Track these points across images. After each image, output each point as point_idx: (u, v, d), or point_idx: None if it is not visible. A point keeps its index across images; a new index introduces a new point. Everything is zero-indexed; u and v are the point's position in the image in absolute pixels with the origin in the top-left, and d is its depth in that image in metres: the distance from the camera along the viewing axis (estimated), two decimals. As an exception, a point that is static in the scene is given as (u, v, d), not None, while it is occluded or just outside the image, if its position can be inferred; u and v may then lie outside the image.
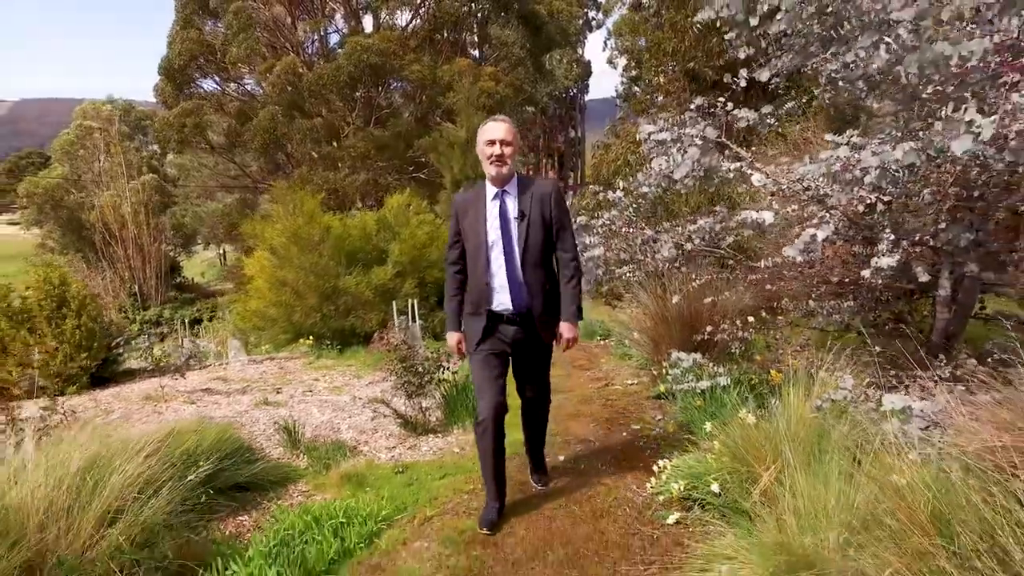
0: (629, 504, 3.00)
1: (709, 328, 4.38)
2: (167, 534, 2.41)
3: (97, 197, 30.26)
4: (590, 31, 44.06)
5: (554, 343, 3.00)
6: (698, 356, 4.17)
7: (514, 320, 2.86)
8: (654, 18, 16.13)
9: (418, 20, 26.99)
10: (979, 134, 1.98)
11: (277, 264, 9.24)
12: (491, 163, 2.79)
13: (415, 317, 8.59)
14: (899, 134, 2.83)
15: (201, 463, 2.99)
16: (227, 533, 2.96)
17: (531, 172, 48.31)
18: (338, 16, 29.52)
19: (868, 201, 3.14)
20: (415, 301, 8.91)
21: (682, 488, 2.83)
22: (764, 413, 2.91)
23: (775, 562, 1.95)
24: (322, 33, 28.69)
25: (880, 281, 3.43)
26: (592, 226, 4.13)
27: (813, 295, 3.81)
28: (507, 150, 2.79)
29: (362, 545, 2.69)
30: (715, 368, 4.04)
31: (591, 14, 41.39)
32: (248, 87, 28.00)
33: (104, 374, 7.68)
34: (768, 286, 3.75)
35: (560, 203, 2.88)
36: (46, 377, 6.89)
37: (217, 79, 27.68)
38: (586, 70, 43.35)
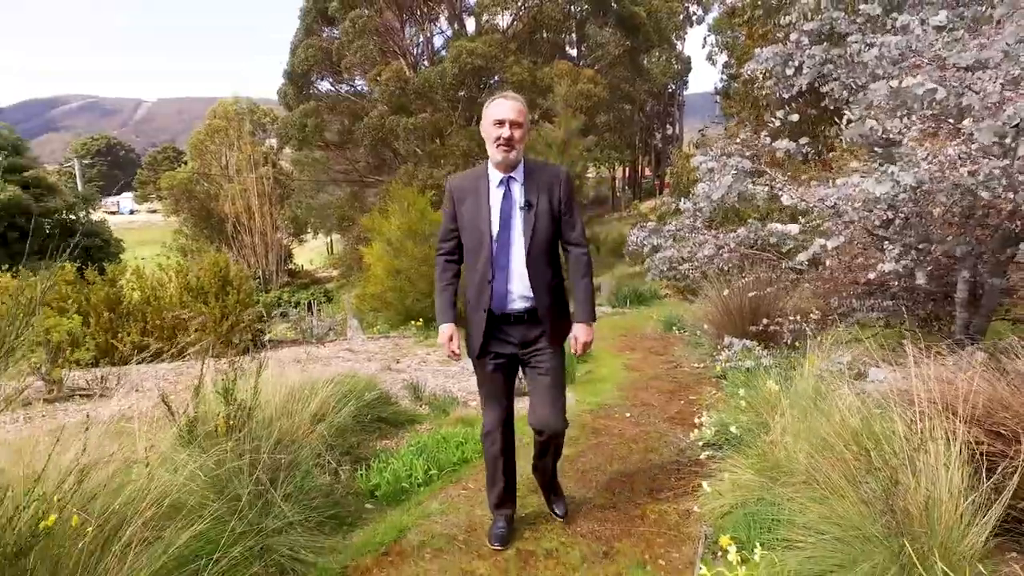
0: (674, 445, 3.93)
1: (765, 320, 5.18)
2: (349, 435, 3.60)
3: (226, 189, 33.38)
4: (691, 26, 43.54)
5: (568, 348, 2.74)
6: (747, 342, 4.99)
7: (521, 319, 2.60)
8: (744, 27, 16.43)
9: (519, 23, 28.08)
10: (899, 181, 2.76)
11: (393, 254, 10.63)
12: (497, 147, 2.51)
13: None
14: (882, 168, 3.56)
15: (362, 397, 4.19)
16: (378, 447, 4.14)
17: (627, 170, 48.53)
18: (443, 19, 31.17)
19: (885, 217, 3.89)
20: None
21: (713, 433, 3.73)
22: (788, 383, 3.74)
23: (760, 468, 2.86)
24: (428, 35, 30.46)
25: (898, 283, 4.15)
26: (660, 229, 5.02)
27: (843, 294, 4.54)
28: (516, 132, 2.52)
29: (476, 455, 3.77)
30: (760, 351, 4.85)
31: (692, 8, 41.01)
32: (359, 87, 30.10)
33: (253, 343, 9.30)
34: (807, 285, 4.51)
35: (570, 192, 2.63)
36: (217, 340, 8.52)
37: (331, 81, 30.01)
38: (685, 66, 43.02)
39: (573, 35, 31.89)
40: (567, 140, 21.39)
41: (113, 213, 57.90)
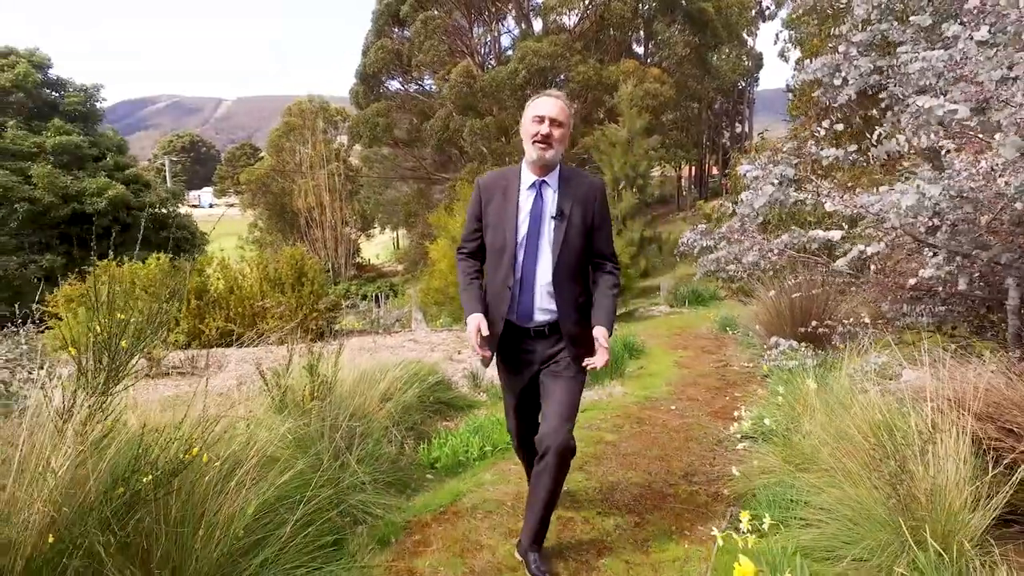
0: (713, 436, 4.17)
1: (814, 323, 5.31)
2: (413, 414, 4.01)
3: (299, 185, 34.86)
4: (763, 21, 42.39)
5: (587, 365, 2.43)
6: (793, 343, 5.14)
7: (542, 333, 2.47)
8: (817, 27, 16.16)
9: (585, 21, 28.20)
10: (925, 193, 2.91)
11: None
12: (534, 144, 2.38)
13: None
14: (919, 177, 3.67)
15: (426, 380, 4.61)
16: (439, 427, 4.55)
17: (693, 169, 47.76)
18: (510, 18, 31.63)
19: (930, 224, 4.00)
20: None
21: (749, 426, 3.95)
22: (825, 383, 3.92)
23: (786, 456, 3.09)
24: (495, 35, 30.96)
25: (943, 289, 4.25)
26: (711, 231, 5.22)
27: (890, 299, 4.63)
28: (556, 132, 2.39)
29: (526, 439, 4.12)
30: (805, 352, 5.00)
31: (765, 2, 39.93)
32: (427, 86, 30.89)
33: (325, 332, 9.96)
34: (854, 289, 4.62)
35: (605, 206, 2.52)
36: (296, 327, 9.19)
37: (401, 80, 30.93)
38: (756, 62, 41.96)
39: (641, 32, 31.77)
40: (631, 140, 21.46)
41: (194, 207, 61.09)
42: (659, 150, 26.73)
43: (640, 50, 32.82)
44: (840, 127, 4.02)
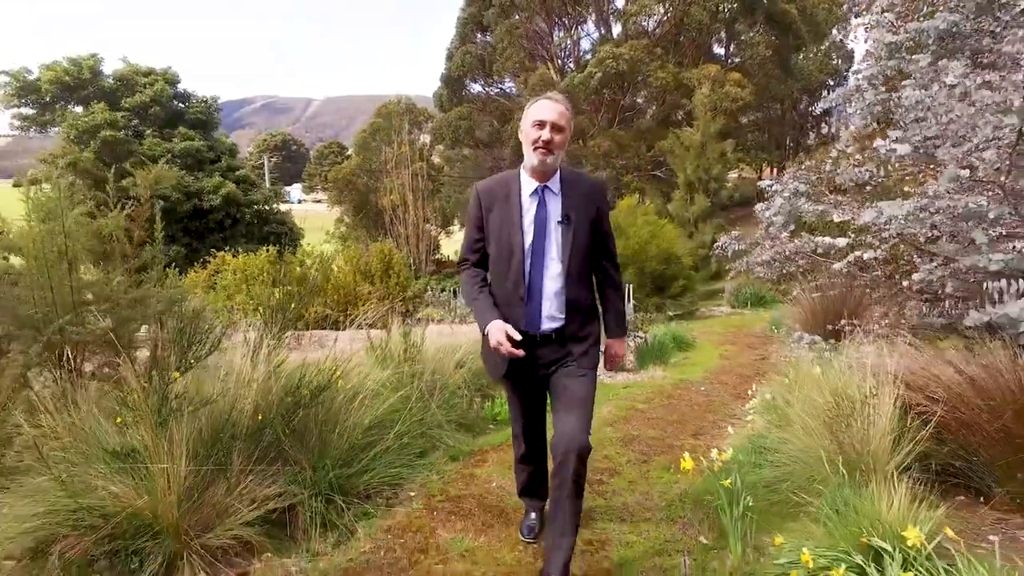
0: (728, 409, 4.97)
1: (842, 321, 5.96)
2: (481, 378, 5.02)
3: (383, 183, 36.72)
4: (855, 17, 40.78)
5: (601, 365, 2.55)
6: (815, 337, 5.82)
7: (548, 339, 2.41)
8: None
9: (666, 24, 28.47)
10: (882, 212, 3.61)
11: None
12: (535, 150, 2.33)
13: (629, 299, 10.81)
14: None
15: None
16: (501, 392, 5.53)
17: (775, 170, 46.85)
18: (589, 22, 32.28)
19: (929, 235, 4.64)
20: (631, 286, 11.11)
21: (758, 401, 4.72)
22: (827, 368, 4.64)
23: (771, 419, 3.89)
24: (575, 39, 31.71)
25: (941, 291, 4.86)
26: (743, 236, 5.96)
27: (899, 299, 5.24)
28: (557, 137, 2.34)
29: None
30: (825, 345, 5.67)
31: (856, -2, 38.47)
32: (507, 89, 31.99)
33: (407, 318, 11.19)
34: (867, 290, 5.25)
35: (606, 205, 2.53)
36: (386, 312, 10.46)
37: (483, 83, 32.19)
38: (848, 60, 40.64)
39: (723, 33, 31.68)
40: (704, 143, 21.80)
41: (285, 202, 64.60)
42: (736, 152, 26.81)
43: (721, 51, 32.74)
44: (851, 149, 4.71)
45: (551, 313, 2.40)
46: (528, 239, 2.37)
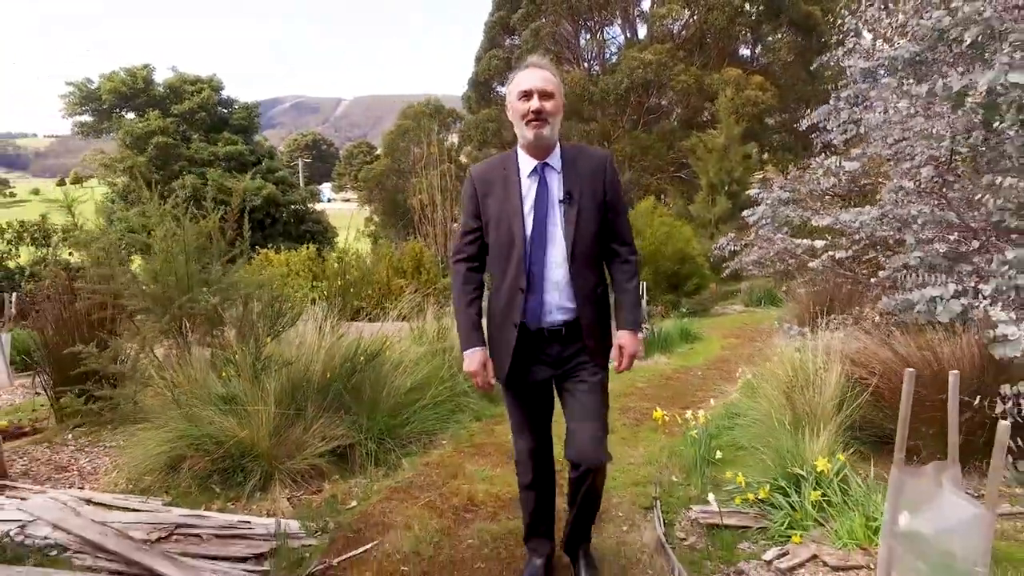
0: (719, 388, 5.65)
1: (832, 316, 6.62)
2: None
3: (412, 183, 37.70)
4: (887, 18, 40.50)
5: (611, 364, 2.30)
6: (804, 329, 6.48)
7: (557, 334, 2.20)
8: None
9: (691, 27, 28.92)
10: (837, 218, 4.27)
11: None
12: (528, 123, 2.12)
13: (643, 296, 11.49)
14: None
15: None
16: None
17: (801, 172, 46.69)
18: (615, 25, 32.83)
19: (896, 237, 5.28)
20: (645, 284, 11.79)
21: (744, 382, 5.42)
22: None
23: (745, 392, 4.60)
24: (601, 41, 32.28)
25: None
26: (738, 238, 6.64)
27: (874, 294, 5.88)
28: (548, 104, 2.12)
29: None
30: (808, 335, 6.33)
31: (886, -1, 38.25)
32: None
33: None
34: (849, 286, 5.92)
35: (616, 181, 2.26)
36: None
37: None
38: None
39: (749, 35, 31.96)
40: (727, 146, 22.26)
41: (319, 202, 66.00)
42: (760, 153, 27.13)
43: (747, 52, 32.99)
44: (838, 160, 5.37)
45: (558, 303, 2.17)
46: (529, 223, 2.16)
